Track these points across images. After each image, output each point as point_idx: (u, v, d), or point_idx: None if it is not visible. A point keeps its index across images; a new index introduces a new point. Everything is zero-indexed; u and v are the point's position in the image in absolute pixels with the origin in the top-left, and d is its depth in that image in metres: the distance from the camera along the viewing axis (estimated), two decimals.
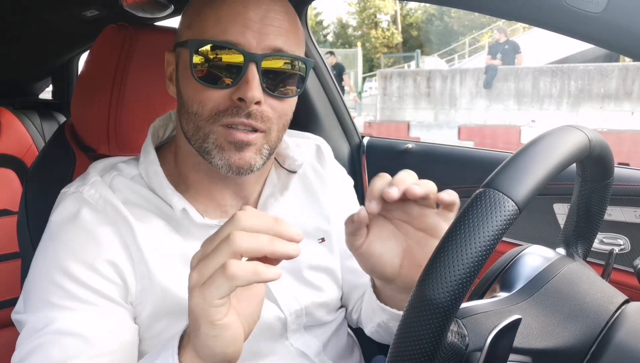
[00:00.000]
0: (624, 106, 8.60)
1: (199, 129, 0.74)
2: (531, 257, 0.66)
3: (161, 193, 0.79)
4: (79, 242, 0.72)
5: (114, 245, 0.73)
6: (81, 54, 2.22)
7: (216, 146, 0.73)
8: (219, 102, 0.71)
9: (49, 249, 0.73)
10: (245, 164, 0.74)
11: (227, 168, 0.74)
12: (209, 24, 0.71)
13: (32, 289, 0.72)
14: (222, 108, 0.71)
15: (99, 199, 0.76)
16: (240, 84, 0.70)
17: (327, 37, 29.63)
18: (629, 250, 1.09)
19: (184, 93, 0.75)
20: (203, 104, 0.72)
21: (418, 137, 9.24)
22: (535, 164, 0.51)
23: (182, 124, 0.77)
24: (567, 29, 0.69)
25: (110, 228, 0.73)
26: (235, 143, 0.72)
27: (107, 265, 0.71)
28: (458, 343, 0.52)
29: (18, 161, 1.84)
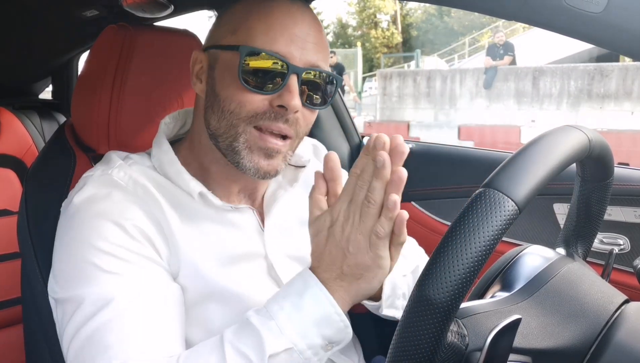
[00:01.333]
0: (624, 106, 8.59)
1: (232, 127, 0.77)
2: (531, 257, 0.66)
3: (177, 180, 0.81)
4: (112, 215, 0.73)
5: (148, 222, 0.75)
6: (81, 54, 2.22)
7: (246, 147, 0.77)
8: (258, 106, 0.76)
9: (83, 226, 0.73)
10: (272, 171, 0.79)
11: (254, 171, 0.78)
12: (257, 32, 0.76)
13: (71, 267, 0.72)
14: (260, 111, 0.76)
15: (128, 180, 0.78)
16: (283, 92, 0.75)
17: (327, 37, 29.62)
18: (628, 250, 1.09)
19: (221, 92, 0.78)
20: (242, 104, 0.76)
21: (418, 137, 9.24)
22: (535, 164, 0.51)
23: (210, 121, 0.80)
24: (567, 29, 0.70)
25: (143, 207, 0.76)
26: (266, 149, 0.77)
27: (141, 236, 0.74)
28: (458, 343, 0.52)
29: (18, 161, 1.84)
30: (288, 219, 0.91)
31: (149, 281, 0.72)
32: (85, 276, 0.70)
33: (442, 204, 1.37)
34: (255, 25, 0.76)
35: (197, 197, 0.81)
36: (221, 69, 0.79)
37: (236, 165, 0.79)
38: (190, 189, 0.80)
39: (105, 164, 0.82)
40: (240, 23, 0.78)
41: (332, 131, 1.52)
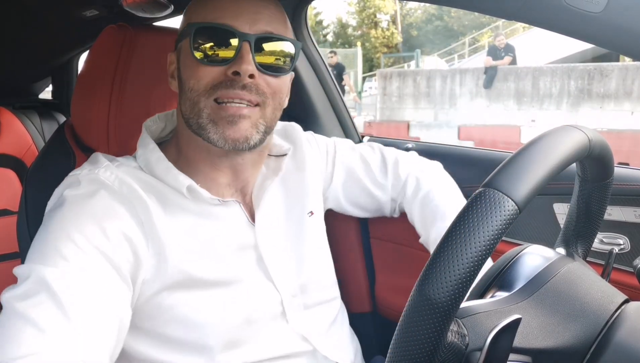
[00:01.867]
0: (624, 106, 8.59)
1: (194, 104, 0.79)
2: (531, 257, 0.66)
3: (166, 177, 0.81)
4: (96, 215, 0.73)
5: (131, 222, 0.75)
6: (81, 54, 2.22)
7: (210, 120, 0.78)
8: (214, 77, 0.78)
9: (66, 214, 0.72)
10: (240, 137, 0.78)
11: (222, 142, 0.78)
12: (207, 11, 0.79)
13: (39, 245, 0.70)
14: (217, 82, 0.78)
15: (114, 180, 0.78)
16: (235, 60, 0.77)
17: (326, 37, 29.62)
18: (628, 249, 1.09)
19: (183, 75, 0.81)
20: (199, 79, 0.78)
21: (418, 137, 9.24)
22: (535, 164, 0.51)
23: (182, 107, 0.83)
24: (567, 29, 0.70)
25: (127, 207, 0.76)
26: (228, 117, 0.78)
27: (122, 239, 0.73)
28: (458, 342, 0.52)
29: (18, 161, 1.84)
30: (276, 209, 0.93)
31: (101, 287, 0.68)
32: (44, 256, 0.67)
33: None
34: (206, 5, 0.80)
35: (186, 191, 0.81)
36: (183, 56, 0.82)
37: (207, 141, 0.79)
38: (179, 184, 0.81)
39: (92, 164, 0.82)
40: (193, 9, 0.82)
41: (332, 131, 1.52)
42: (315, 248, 0.98)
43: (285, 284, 0.88)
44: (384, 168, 1.12)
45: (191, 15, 0.83)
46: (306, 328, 0.89)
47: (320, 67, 1.48)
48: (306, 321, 0.90)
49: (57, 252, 0.67)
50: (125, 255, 0.72)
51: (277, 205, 0.94)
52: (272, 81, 0.81)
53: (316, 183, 1.04)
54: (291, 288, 0.89)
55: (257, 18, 0.79)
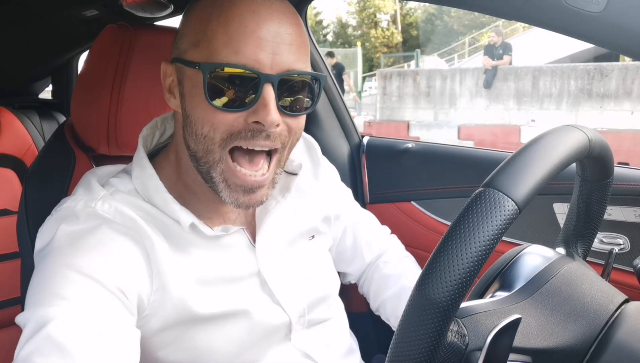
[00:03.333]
0: (624, 106, 8.59)
1: (208, 153, 0.72)
2: (531, 257, 0.66)
3: (165, 209, 0.76)
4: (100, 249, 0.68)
5: (137, 255, 0.71)
6: (81, 54, 2.22)
7: (223, 180, 0.72)
8: (232, 125, 0.70)
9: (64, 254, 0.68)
10: (255, 203, 0.75)
11: (235, 204, 0.74)
12: (219, 43, 0.68)
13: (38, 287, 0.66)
14: (235, 131, 0.70)
15: (115, 213, 0.73)
16: (257, 107, 0.68)
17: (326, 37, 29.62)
18: (628, 249, 1.09)
19: (192, 113, 0.72)
20: (215, 127, 0.70)
21: (418, 137, 9.24)
22: (535, 164, 0.51)
23: (188, 142, 0.74)
24: (567, 29, 0.70)
25: (131, 239, 0.71)
26: (244, 187, 0.72)
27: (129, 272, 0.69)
28: (458, 342, 0.52)
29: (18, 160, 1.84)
30: (280, 232, 0.88)
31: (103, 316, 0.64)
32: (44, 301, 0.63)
33: (442, 204, 1.37)
34: (215, 36, 0.68)
35: (189, 229, 0.76)
36: (189, 87, 0.72)
37: (216, 193, 0.74)
38: (181, 221, 0.75)
39: (88, 194, 0.75)
40: (201, 34, 0.70)
41: (332, 130, 1.52)
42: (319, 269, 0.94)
43: (292, 305, 0.85)
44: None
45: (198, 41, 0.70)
46: (309, 345, 0.88)
47: (320, 68, 1.48)
48: (309, 338, 0.89)
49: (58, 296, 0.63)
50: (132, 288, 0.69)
51: (283, 228, 0.88)
52: (292, 123, 0.73)
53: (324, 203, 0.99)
54: (298, 308, 0.86)
55: (278, 49, 0.68)
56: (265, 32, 0.68)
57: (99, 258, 0.67)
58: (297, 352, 0.87)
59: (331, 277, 0.97)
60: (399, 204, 1.43)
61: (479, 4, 0.80)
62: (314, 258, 0.94)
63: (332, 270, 0.98)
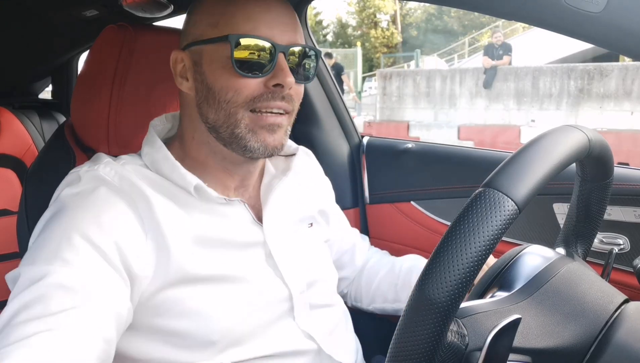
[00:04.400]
0: (624, 106, 8.59)
1: (230, 115, 0.80)
2: (531, 257, 0.66)
3: (172, 175, 0.82)
4: (96, 212, 0.73)
5: (130, 217, 0.75)
6: (81, 54, 2.22)
7: (249, 130, 0.80)
8: (254, 89, 0.79)
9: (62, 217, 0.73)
10: (278, 145, 0.83)
11: (263, 149, 0.81)
12: (239, 21, 0.79)
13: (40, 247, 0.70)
14: (257, 94, 0.79)
15: (114, 175, 0.79)
16: (276, 71, 0.79)
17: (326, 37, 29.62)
18: (628, 249, 1.09)
19: (215, 84, 0.80)
20: (239, 91, 0.79)
21: (418, 137, 9.23)
22: (535, 164, 0.51)
23: (207, 115, 0.82)
24: (567, 29, 0.70)
25: (127, 202, 0.76)
26: (268, 126, 0.81)
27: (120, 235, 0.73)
28: (458, 342, 0.52)
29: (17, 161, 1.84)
30: (285, 208, 0.94)
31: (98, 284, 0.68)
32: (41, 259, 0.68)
33: (442, 204, 1.37)
34: (235, 15, 0.79)
35: (193, 190, 0.81)
36: (209, 63, 0.81)
37: (243, 149, 0.81)
38: (187, 183, 0.81)
39: (93, 162, 0.83)
40: (220, 16, 0.80)
41: (332, 131, 1.52)
42: (318, 254, 0.99)
43: (294, 280, 0.88)
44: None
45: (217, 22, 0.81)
46: (312, 326, 0.89)
47: (320, 68, 1.48)
48: (312, 320, 0.90)
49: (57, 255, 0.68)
50: (122, 251, 0.72)
51: (284, 204, 0.94)
52: (299, 89, 0.85)
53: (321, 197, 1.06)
54: (300, 284, 0.89)
55: (286, 29, 0.81)
56: (275, 15, 0.80)
57: (94, 221, 0.72)
58: (300, 332, 0.88)
59: (329, 266, 1.02)
60: (399, 205, 1.43)
61: (478, 4, 0.80)
62: (313, 244, 0.98)
63: (329, 260, 1.03)
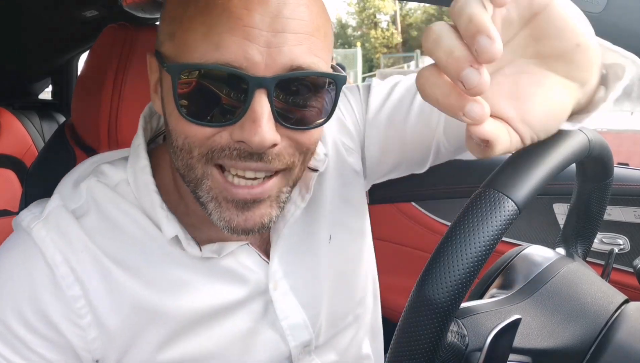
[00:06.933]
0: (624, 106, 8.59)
1: (190, 169, 0.57)
2: (531, 257, 0.66)
3: (150, 213, 0.64)
4: (18, 291, 0.60)
5: (61, 308, 0.60)
6: (81, 54, 2.23)
7: (212, 198, 0.57)
8: (213, 141, 0.53)
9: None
10: (255, 226, 0.57)
11: (230, 230, 0.57)
12: (196, 35, 0.50)
13: None
14: (218, 148, 0.54)
15: (49, 245, 0.60)
16: (244, 121, 0.51)
17: None
18: (628, 249, 1.09)
19: (168, 121, 0.57)
20: (190, 141, 0.54)
21: None
22: (535, 164, 0.51)
23: (171, 155, 0.60)
24: None
25: (56, 287, 0.60)
26: (237, 202, 0.56)
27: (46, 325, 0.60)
28: (458, 343, 0.52)
29: (17, 161, 1.84)
30: (299, 242, 0.74)
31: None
32: None
33: (442, 204, 1.37)
34: (192, 25, 0.51)
35: (169, 243, 0.63)
36: (166, 88, 0.56)
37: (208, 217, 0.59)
38: (163, 231, 0.62)
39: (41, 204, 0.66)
40: (177, 21, 0.53)
41: None
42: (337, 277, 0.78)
43: (297, 335, 0.72)
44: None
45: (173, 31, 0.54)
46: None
47: None
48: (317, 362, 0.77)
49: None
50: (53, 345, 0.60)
51: (297, 234, 0.73)
52: (302, 137, 0.56)
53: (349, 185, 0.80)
54: (305, 338, 0.73)
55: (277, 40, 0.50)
56: (259, 18, 0.49)
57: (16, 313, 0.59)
58: None
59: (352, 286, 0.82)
60: (399, 205, 1.43)
61: None
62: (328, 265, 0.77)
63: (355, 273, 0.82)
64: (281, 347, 0.71)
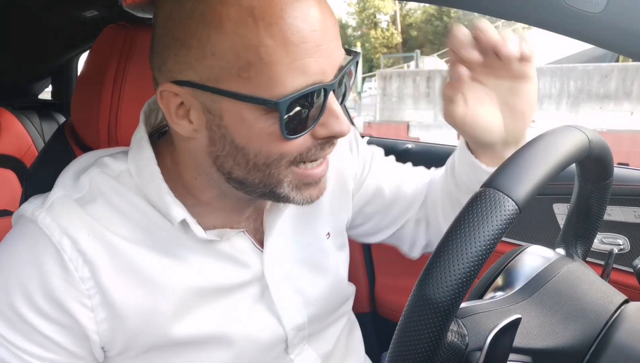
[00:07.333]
0: (624, 106, 8.60)
1: (270, 176, 0.64)
2: (531, 257, 0.66)
3: (156, 200, 0.67)
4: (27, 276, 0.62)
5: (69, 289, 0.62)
6: (81, 54, 2.23)
7: (293, 187, 0.65)
8: (302, 146, 0.62)
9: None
10: (323, 191, 0.69)
11: (308, 203, 0.68)
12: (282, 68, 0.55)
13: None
14: (305, 150, 0.63)
15: (55, 230, 0.62)
16: (326, 118, 0.60)
17: None
18: (628, 250, 1.09)
19: (249, 146, 0.61)
20: (285, 154, 0.61)
21: (418, 137, 9.24)
22: (535, 164, 0.51)
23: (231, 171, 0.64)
24: (567, 30, 0.70)
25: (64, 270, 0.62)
26: (314, 182, 0.67)
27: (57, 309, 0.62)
28: (458, 342, 0.52)
29: (17, 161, 1.84)
30: (289, 231, 0.80)
31: None
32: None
33: None
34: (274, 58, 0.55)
35: (178, 226, 0.67)
36: (238, 120, 0.59)
37: (284, 201, 0.68)
38: (171, 217, 0.66)
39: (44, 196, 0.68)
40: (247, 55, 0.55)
41: None
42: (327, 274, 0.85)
43: (291, 318, 0.77)
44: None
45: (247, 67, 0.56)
46: (310, 358, 0.81)
47: None
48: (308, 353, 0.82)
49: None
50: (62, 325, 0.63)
51: (291, 225, 0.80)
52: None
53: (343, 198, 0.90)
54: (298, 321, 0.78)
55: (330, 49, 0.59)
56: (320, 33, 0.57)
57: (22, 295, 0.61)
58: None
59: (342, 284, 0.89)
60: None
61: (479, 5, 0.80)
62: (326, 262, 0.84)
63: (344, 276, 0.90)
64: (278, 329, 0.76)
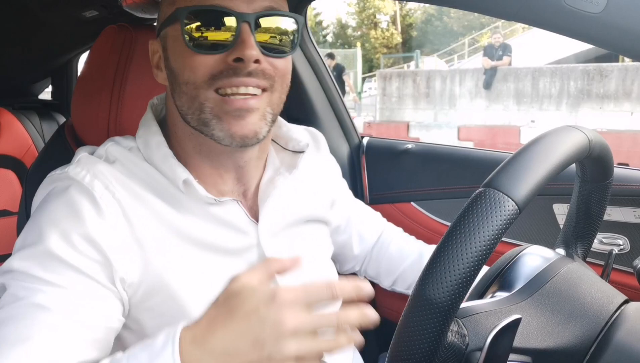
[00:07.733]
0: (624, 106, 8.59)
1: (193, 99, 0.72)
2: (531, 257, 0.66)
3: (163, 166, 0.75)
4: (62, 217, 0.68)
5: (101, 225, 0.68)
6: (81, 54, 2.23)
7: (213, 115, 0.71)
8: (213, 67, 0.70)
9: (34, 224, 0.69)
10: (249, 133, 0.72)
11: (229, 139, 0.72)
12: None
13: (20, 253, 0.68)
14: (217, 71, 0.70)
15: (85, 175, 0.71)
16: (236, 45, 0.69)
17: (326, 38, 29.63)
18: (628, 250, 1.09)
19: (174, 66, 0.73)
20: (195, 69, 0.70)
21: (418, 137, 9.23)
22: (535, 164, 0.51)
23: (176, 101, 0.75)
24: (567, 30, 0.70)
25: (96, 206, 0.68)
26: (234, 111, 0.71)
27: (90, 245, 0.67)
28: (458, 342, 0.52)
29: (17, 161, 1.84)
30: (286, 207, 0.85)
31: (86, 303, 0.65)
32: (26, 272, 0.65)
33: (442, 204, 1.37)
34: None
35: (182, 185, 0.74)
36: (171, 45, 0.74)
37: (211, 139, 0.73)
38: (176, 177, 0.74)
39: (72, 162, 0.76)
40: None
41: (332, 131, 1.52)
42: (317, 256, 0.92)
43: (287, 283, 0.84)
44: None
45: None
46: None
47: (319, 68, 1.48)
48: None
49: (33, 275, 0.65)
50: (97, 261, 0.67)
51: (285, 205, 0.85)
52: (278, 63, 0.74)
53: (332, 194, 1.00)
54: None
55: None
56: None
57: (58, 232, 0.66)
58: None
59: (328, 268, 0.95)
60: (399, 205, 1.43)
61: (478, 5, 0.80)
62: (312, 245, 0.91)
63: (329, 262, 0.96)
64: None
